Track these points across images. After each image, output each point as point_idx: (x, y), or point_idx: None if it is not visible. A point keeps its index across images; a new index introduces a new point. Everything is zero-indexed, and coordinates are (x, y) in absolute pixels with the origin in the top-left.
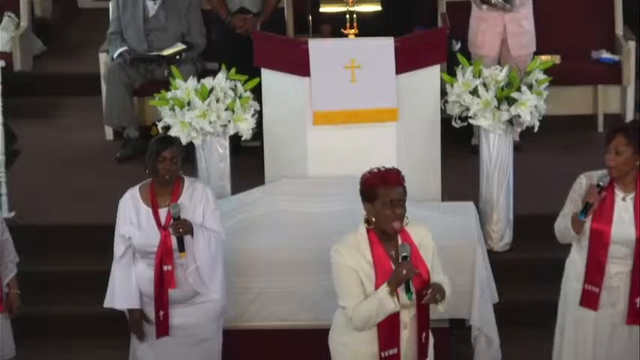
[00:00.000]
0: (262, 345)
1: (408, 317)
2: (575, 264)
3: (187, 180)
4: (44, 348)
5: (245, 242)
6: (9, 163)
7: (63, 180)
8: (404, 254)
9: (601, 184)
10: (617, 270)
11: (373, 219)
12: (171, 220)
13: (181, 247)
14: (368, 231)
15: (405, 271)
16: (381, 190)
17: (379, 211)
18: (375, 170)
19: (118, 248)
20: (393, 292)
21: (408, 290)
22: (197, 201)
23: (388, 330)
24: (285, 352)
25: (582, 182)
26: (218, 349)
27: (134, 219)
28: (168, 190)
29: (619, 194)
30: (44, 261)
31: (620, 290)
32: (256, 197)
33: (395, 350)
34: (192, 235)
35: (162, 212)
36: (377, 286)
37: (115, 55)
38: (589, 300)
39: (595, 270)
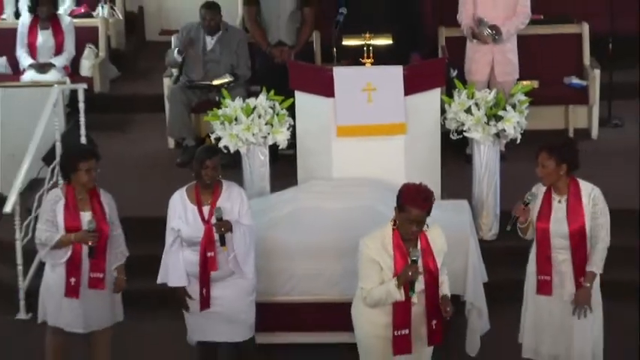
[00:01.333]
0: (296, 315)
1: (418, 302)
2: (534, 259)
3: (225, 183)
4: (133, 317)
5: (281, 232)
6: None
7: (133, 181)
8: (413, 258)
9: (527, 200)
10: (562, 258)
11: (397, 223)
12: (215, 221)
13: (223, 242)
14: (393, 230)
15: (410, 273)
16: (408, 207)
17: (402, 221)
18: (413, 187)
19: (169, 238)
20: (400, 286)
21: (411, 289)
22: (233, 201)
23: (401, 314)
24: (314, 321)
25: (533, 191)
26: (252, 317)
27: (182, 215)
28: (210, 192)
29: (555, 197)
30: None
31: (567, 274)
32: (290, 195)
33: (406, 331)
34: (231, 232)
35: (205, 209)
36: (394, 276)
37: (176, 53)
38: (544, 288)
39: (543, 261)
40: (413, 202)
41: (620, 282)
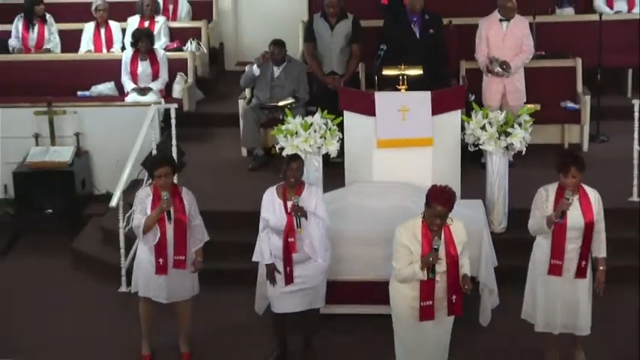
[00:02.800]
0: (351, 290)
1: (441, 280)
2: (542, 245)
3: (307, 184)
4: (204, 291)
5: (333, 223)
6: (179, 170)
7: (214, 181)
8: (435, 247)
9: (569, 198)
10: (571, 247)
11: (425, 216)
12: (295, 208)
13: (299, 225)
14: (422, 221)
15: (431, 259)
16: (433, 204)
17: (429, 215)
18: (439, 188)
19: (261, 225)
20: (423, 268)
21: (432, 271)
22: (312, 197)
23: (426, 289)
24: (362, 294)
25: (543, 193)
26: (323, 292)
27: (271, 207)
28: (294, 190)
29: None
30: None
31: (573, 260)
32: (339, 195)
33: (430, 302)
34: (306, 218)
35: (289, 204)
36: (421, 258)
37: (255, 67)
38: (555, 270)
39: (558, 250)
40: (437, 200)
41: (613, 268)
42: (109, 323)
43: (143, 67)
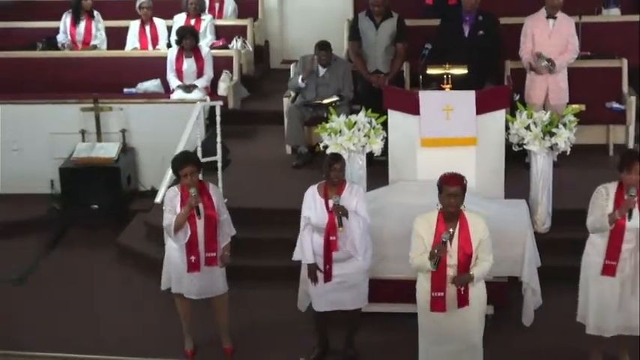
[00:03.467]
0: (387, 288)
1: (452, 273)
2: (597, 245)
3: (348, 182)
4: (243, 286)
5: (374, 222)
6: (224, 167)
7: (258, 178)
8: (443, 240)
9: (632, 194)
10: (626, 247)
11: (440, 205)
12: (336, 207)
13: (340, 224)
14: (438, 213)
15: (436, 251)
16: (445, 186)
17: (443, 199)
18: (447, 173)
19: (302, 223)
20: (431, 259)
21: (435, 263)
22: (353, 195)
23: (437, 280)
24: (403, 293)
25: (603, 191)
26: (365, 291)
27: (312, 206)
28: (335, 188)
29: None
30: (245, 231)
31: (626, 261)
32: (382, 193)
33: (441, 294)
34: (347, 217)
35: (330, 202)
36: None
37: (300, 80)
38: (609, 270)
39: (614, 250)
40: (447, 181)
41: None
42: (153, 318)
43: (188, 64)
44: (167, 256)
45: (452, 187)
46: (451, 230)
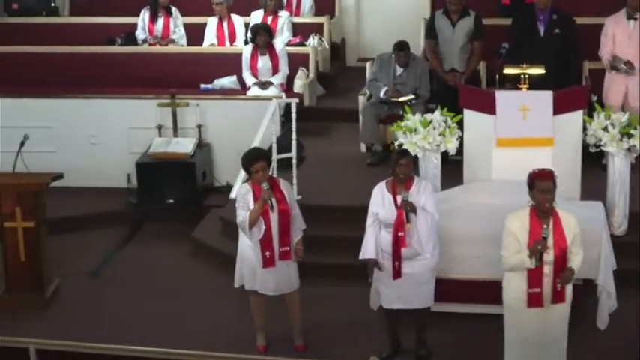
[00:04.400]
0: (460, 289)
1: (548, 270)
2: None
3: (417, 178)
4: (317, 284)
5: (448, 222)
6: (299, 164)
7: (332, 176)
8: (543, 235)
9: None
10: None
11: (533, 202)
12: (404, 203)
13: (408, 220)
14: (530, 211)
15: (539, 247)
16: (536, 182)
17: (535, 196)
18: (536, 169)
19: (369, 220)
20: (531, 256)
21: (537, 259)
22: (422, 192)
23: (534, 276)
24: (473, 293)
25: None
26: (432, 289)
27: (380, 202)
28: (403, 184)
29: None
30: (319, 228)
31: None
32: (457, 192)
33: (538, 289)
34: (415, 213)
35: (399, 198)
36: (528, 248)
37: (382, 92)
38: None
39: None
40: (538, 177)
41: None
42: (226, 313)
43: (263, 61)
44: (240, 253)
45: (544, 182)
46: (545, 226)
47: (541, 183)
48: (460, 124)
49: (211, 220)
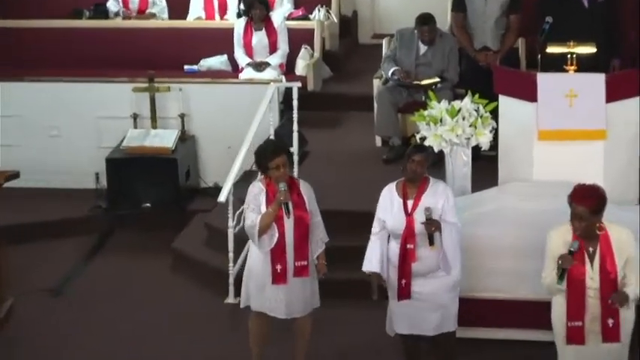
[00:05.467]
0: (490, 311)
1: (593, 299)
2: None
3: (432, 180)
4: (322, 304)
5: (480, 229)
6: (301, 161)
7: (341, 175)
8: (570, 249)
9: None
10: None
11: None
12: (425, 220)
13: (431, 242)
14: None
15: (561, 262)
16: (573, 203)
17: (571, 216)
18: (581, 186)
19: (375, 226)
20: (559, 276)
21: (560, 277)
22: (438, 197)
23: (574, 306)
24: (508, 318)
25: None
26: (454, 313)
27: (388, 207)
28: (416, 186)
29: None
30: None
31: None
32: (491, 195)
33: (579, 323)
34: (440, 232)
35: (410, 203)
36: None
37: (390, 73)
38: None
39: None
40: (575, 198)
41: None
42: (213, 339)
43: (258, 37)
44: (248, 267)
45: (578, 206)
46: (577, 242)
47: (575, 206)
48: (494, 114)
49: (196, 227)
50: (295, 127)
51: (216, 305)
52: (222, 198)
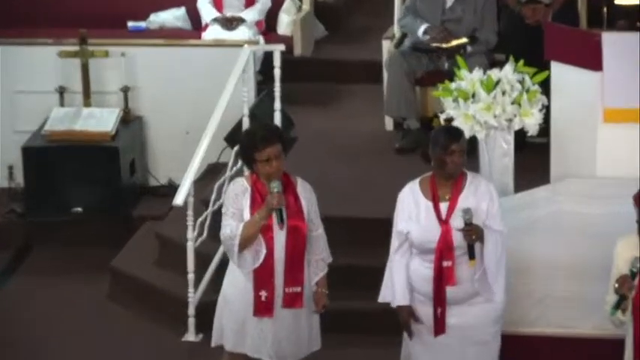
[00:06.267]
0: (542, 353)
1: None
2: None
3: (470, 175)
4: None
5: (527, 243)
6: (287, 149)
7: (339, 170)
8: (632, 269)
9: None
10: None
11: None
12: (463, 225)
13: (471, 255)
14: None
15: (617, 285)
16: (635, 205)
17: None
18: None
19: (394, 243)
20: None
21: (616, 306)
22: (481, 197)
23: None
24: (571, 357)
25: None
26: (496, 353)
27: (413, 214)
28: (450, 184)
29: None
30: None
31: None
32: (541, 196)
33: None
34: (482, 241)
35: (443, 206)
36: None
37: (422, 31)
38: None
39: None
40: (637, 200)
41: None
42: None
43: None
44: (223, 294)
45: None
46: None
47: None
48: (545, 87)
49: (143, 240)
50: (277, 104)
51: (170, 344)
52: (178, 200)
